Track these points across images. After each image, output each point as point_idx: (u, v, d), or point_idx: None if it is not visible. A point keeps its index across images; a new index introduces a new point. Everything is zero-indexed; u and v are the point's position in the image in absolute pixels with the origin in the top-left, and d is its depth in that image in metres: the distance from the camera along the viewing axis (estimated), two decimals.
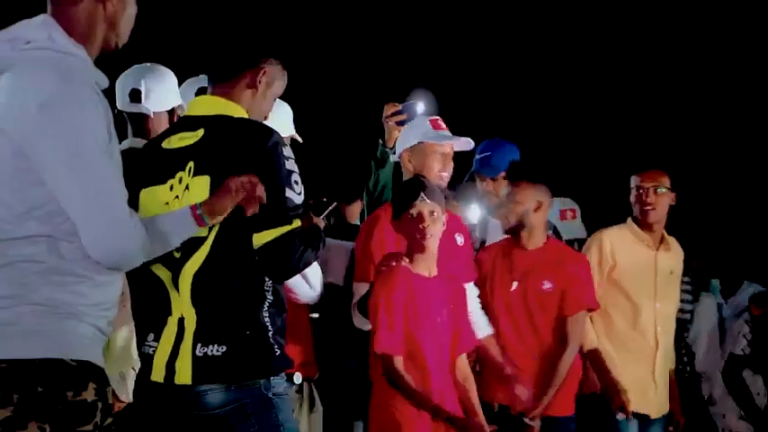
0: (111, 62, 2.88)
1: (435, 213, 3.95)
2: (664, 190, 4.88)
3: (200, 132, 3.14)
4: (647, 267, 4.86)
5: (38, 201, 2.55)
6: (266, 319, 3.08)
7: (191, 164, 3.09)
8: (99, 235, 2.54)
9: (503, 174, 4.93)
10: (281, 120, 4.28)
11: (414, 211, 3.93)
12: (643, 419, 4.87)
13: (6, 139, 2.55)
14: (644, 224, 4.92)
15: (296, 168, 3.10)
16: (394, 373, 3.82)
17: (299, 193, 3.09)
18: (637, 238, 4.91)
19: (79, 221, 2.54)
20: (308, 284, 3.97)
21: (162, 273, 3.10)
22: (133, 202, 2.96)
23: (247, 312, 3.07)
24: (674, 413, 4.96)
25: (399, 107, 4.74)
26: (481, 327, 4.42)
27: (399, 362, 3.83)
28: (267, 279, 3.09)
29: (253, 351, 3.06)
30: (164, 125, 4.02)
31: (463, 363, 4.06)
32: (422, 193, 3.95)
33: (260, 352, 3.07)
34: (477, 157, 5.11)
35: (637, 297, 4.84)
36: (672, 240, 4.99)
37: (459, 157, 4.57)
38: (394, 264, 3.94)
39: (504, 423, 4.37)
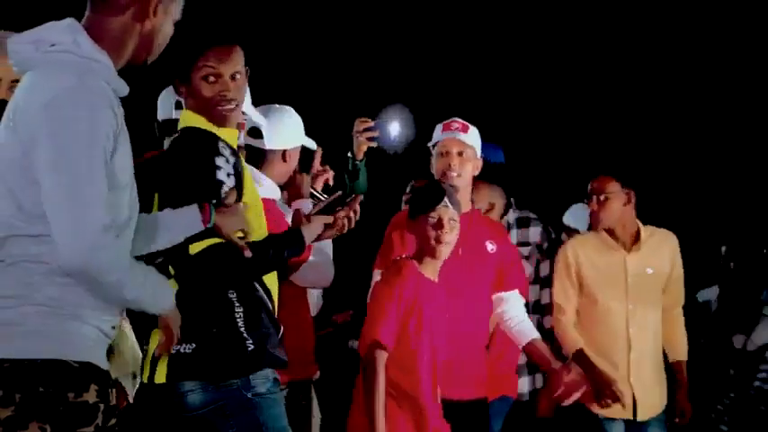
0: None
1: (453, 221, 3.97)
2: (609, 194, 4.89)
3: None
4: (615, 271, 4.88)
5: (39, 200, 2.54)
6: (238, 317, 3.11)
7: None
8: (65, 241, 2.49)
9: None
10: (291, 130, 4.25)
11: (434, 216, 3.94)
12: (631, 423, 4.88)
13: (18, 137, 2.57)
14: (605, 229, 4.95)
15: (226, 180, 3.10)
16: (375, 366, 3.77)
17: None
18: (602, 242, 4.95)
19: (51, 223, 2.51)
20: (314, 270, 4.02)
21: None
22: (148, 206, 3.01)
23: (216, 310, 3.09)
24: (680, 401, 4.95)
25: (371, 123, 4.71)
26: (527, 332, 4.47)
27: (384, 358, 3.79)
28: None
29: (222, 348, 3.07)
30: None
31: None
32: (445, 199, 3.96)
33: (230, 349, 3.08)
34: None
35: (606, 301, 4.86)
36: (656, 237, 4.97)
37: None
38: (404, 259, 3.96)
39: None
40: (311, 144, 4.29)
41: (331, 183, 4.64)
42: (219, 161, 3.09)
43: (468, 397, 4.27)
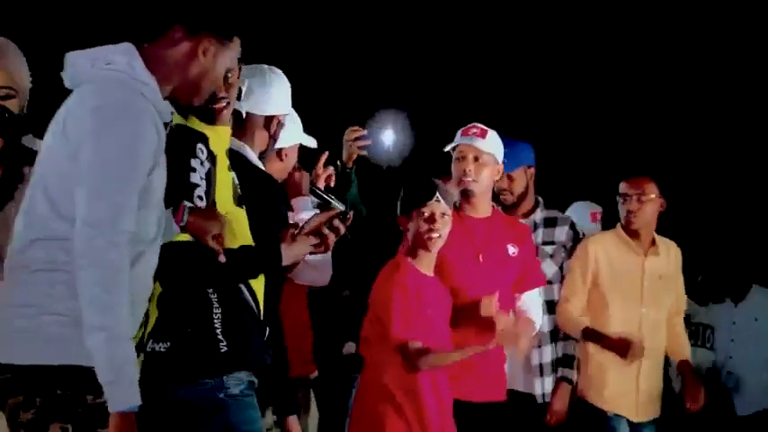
0: None
1: (446, 216, 3.99)
2: (649, 197, 4.89)
3: None
4: (633, 273, 4.87)
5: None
6: (216, 317, 3.09)
7: None
8: (86, 227, 2.55)
9: (521, 170, 4.88)
10: (288, 127, 4.15)
11: (426, 211, 3.95)
12: (630, 423, 4.89)
13: (67, 142, 2.63)
14: (630, 231, 4.93)
15: (200, 182, 3.09)
16: (420, 354, 3.82)
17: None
18: (623, 244, 4.92)
19: (79, 207, 2.57)
20: (312, 268, 4.00)
21: None
22: None
23: (194, 310, 3.08)
24: (691, 387, 4.93)
25: (363, 132, 4.67)
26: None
27: (419, 345, 3.83)
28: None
29: (195, 348, 3.06)
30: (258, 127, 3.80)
31: None
32: (437, 194, 3.98)
33: (203, 349, 3.06)
34: None
35: (622, 302, 4.84)
36: (664, 244, 5.00)
37: None
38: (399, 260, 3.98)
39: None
40: (310, 142, 4.28)
41: (332, 183, 4.62)
42: (195, 163, 3.09)
43: (486, 399, 4.27)
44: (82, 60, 2.75)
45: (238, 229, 3.19)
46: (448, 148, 4.46)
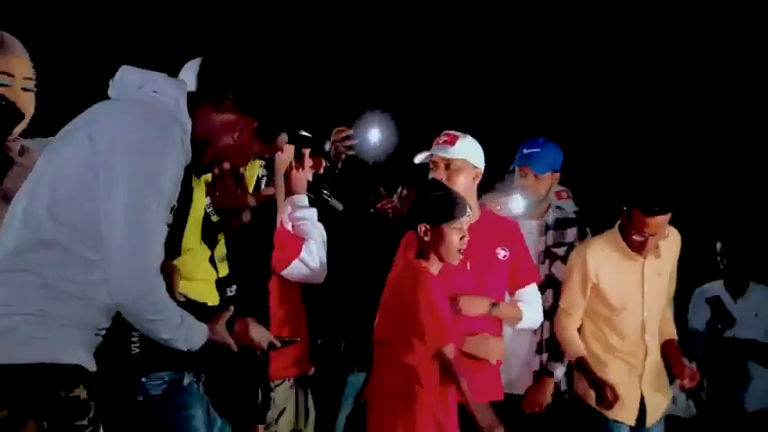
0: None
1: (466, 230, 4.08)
2: (663, 236, 4.70)
3: None
4: (633, 280, 4.77)
5: (78, 215, 2.64)
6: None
7: None
8: (120, 281, 2.63)
9: (548, 173, 4.93)
10: None
11: (459, 225, 4.03)
12: (636, 429, 4.85)
13: (93, 153, 2.65)
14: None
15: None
16: (452, 364, 3.92)
17: None
18: (622, 250, 4.74)
19: (108, 257, 2.63)
20: (305, 266, 4.04)
21: None
22: None
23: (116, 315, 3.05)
24: (680, 367, 4.82)
25: (350, 132, 4.71)
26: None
27: (452, 350, 3.94)
28: None
29: (107, 350, 2.97)
30: None
31: None
32: (468, 210, 4.09)
33: (116, 352, 3.01)
34: (527, 151, 4.97)
35: (623, 308, 4.76)
36: (664, 240, 4.78)
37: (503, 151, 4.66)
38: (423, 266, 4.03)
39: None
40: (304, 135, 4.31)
41: (320, 170, 4.57)
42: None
43: (483, 399, 4.25)
44: (133, 78, 2.80)
45: (191, 271, 3.11)
46: (419, 161, 4.47)
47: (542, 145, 4.97)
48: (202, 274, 3.14)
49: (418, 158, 4.48)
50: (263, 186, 3.66)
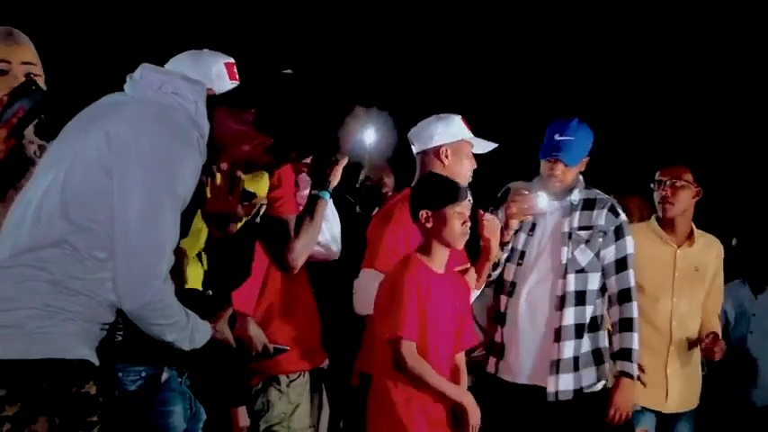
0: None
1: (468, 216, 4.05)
2: (683, 183, 4.94)
3: None
4: (665, 264, 4.92)
5: (98, 218, 2.62)
6: None
7: None
8: (127, 287, 2.62)
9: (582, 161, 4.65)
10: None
11: (459, 210, 3.97)
12: (661, 416, 4.89)
13: (105, 140, 2.63)
14: (665, 221, 4.98)
15: None
16: (413, 359, 3.84)
17: None
18: (657, 235, 4.97)
19: (118, 263, 2.62)
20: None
21: None
22: None
23: None
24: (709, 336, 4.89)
25: None
26: None
27: (414, 347, 3.85)
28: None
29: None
30: None
31: (460, 359, 4.09)
32: (469, 194, 4.06)
33: (105, 338, 2.92)
34: (558, 138, 4.58)
35: (653, 292, 4.86)
36: (704, 238, 5.04)
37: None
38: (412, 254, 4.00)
39: None
40: None
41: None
42: None
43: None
44: (153, 77, 2.77)
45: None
46: (471, 141, 4.45)
47: (575, 131, 4.60)
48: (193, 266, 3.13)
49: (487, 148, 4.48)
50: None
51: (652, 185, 5.02)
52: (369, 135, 4.78)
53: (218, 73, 3.40)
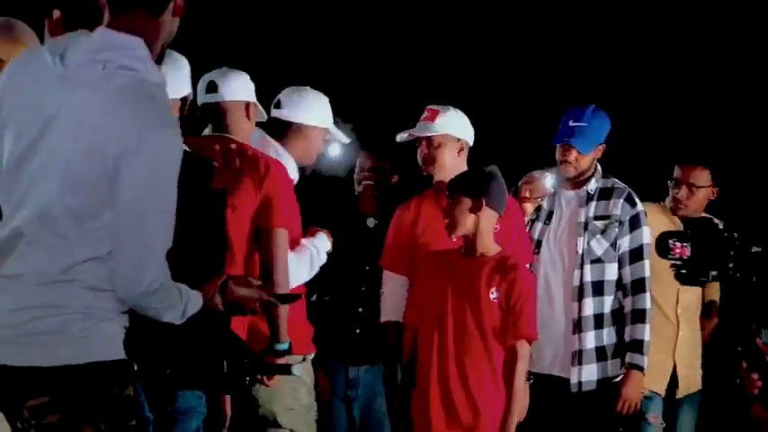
0: None
1: None
2: (701, 187, 4.94)
3: None
4: None
5: (92, 205, 2.51)
6: None
7: None
8: (125, 278, 2.53)
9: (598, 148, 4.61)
10: (316, 108, 4.29)
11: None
12: (668, 400, 4.90)
13: (99, 152, 2.47)
14: (676, 214, 4.99)
15: None
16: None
17: None
18: (670, 222, 4.89)
19: (116, 255, 2.52)
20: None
21: None
22: None
23: None
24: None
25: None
26: None
27: None
28: None
29: None
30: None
31: None
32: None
33: None
34: (572, 124, 4.56)
35: (660, 281, 4.65)
36: None
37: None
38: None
39: None
40: (340, 135, 4.37)
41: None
42: None
43: None
44: (83, 56, 2.49)
45: None
46: (400, 140, 4.51)
47: (590, 118, 4.59)
48: None
49: (399, 137, 4.51)
50: None
51: (670, 183, 5.01)
52: (333, 150, 4.78)
53: None
